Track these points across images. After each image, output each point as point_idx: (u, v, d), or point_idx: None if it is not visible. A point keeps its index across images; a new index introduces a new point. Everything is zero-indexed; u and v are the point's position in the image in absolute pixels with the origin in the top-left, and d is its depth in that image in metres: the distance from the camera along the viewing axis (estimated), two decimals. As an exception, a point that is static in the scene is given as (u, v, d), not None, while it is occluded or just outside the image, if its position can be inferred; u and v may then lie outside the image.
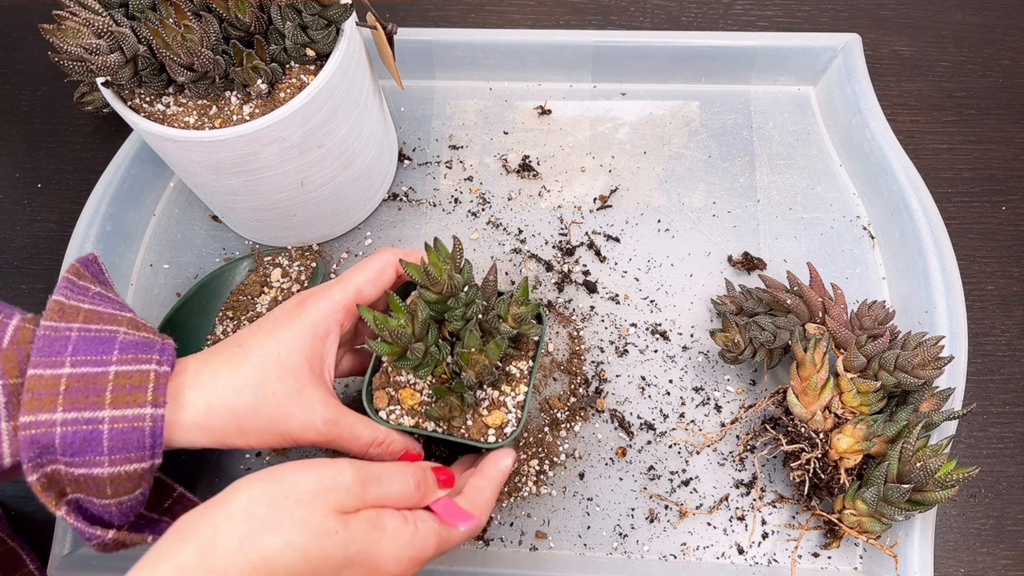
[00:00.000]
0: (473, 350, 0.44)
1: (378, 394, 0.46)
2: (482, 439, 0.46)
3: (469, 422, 0.46)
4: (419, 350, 0.43)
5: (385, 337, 0.43)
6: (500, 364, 0.47)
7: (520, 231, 0.63)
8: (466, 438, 0.46)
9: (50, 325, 0.37)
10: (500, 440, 0.45)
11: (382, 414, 0.46)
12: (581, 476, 0.53)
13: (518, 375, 0.47)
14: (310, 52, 0.49)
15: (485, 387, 0.47)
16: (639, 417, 0.55)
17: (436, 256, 0.44)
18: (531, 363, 0.48)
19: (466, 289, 0.45)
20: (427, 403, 0.46)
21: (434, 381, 0.46)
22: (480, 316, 0.46)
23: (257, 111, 0.48)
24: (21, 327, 0.37)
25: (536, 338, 0.48)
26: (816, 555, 0.51)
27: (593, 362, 0.57)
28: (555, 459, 0.54)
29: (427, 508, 0.41)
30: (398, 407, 0.46)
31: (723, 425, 0.55)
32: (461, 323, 0.45)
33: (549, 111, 0.68)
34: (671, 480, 0.53)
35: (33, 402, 0.35)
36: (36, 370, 0.35)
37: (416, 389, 0.46)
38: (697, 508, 0.52)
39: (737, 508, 0.52)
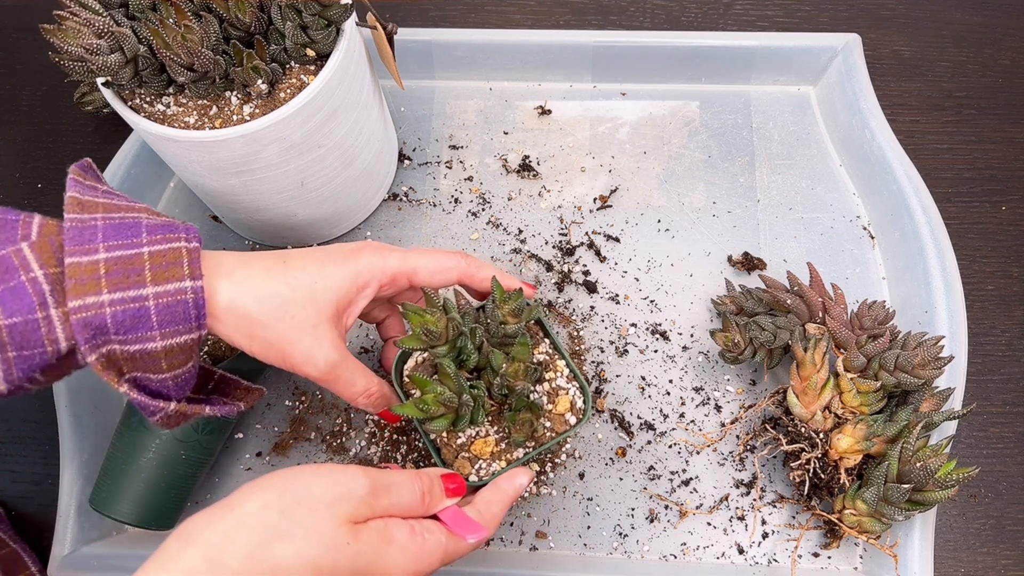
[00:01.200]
0: (506, 365, 0.45)
1: (458, 463, 0.47)
2: (566, 428, 0.47)
3: (547, 423, 0.47)
4: (468, 403, 0.44)
5: (435, 412, 0.43)
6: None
7: (520, 231, 0.63)
8: (554, 438, 0.47)
9: (75, 217, 0.38)
10: (580, 418, 0.47)
11: (472, 478, 0.46)
12: (581, 476, 0.53)
13: (547, 359, 0.49)
14: (310, 52, 0.49)
15: (535, 386, 0.48)
16: (639, 417, 0.55)
17: (426, 313, 0.44)
18: (548, 340, 0.50)
19: (463, 321, 0.46)
20: (504, 437, 0.47)
21: (490, 418, 0.47)
22: (486, 337, 0.46)
23: (257, 111, 0.48)
24: (45, 223, 0.38)
25: (536, 318, 0.49)
26: (816, 555, 0.51)
27: (593, 362, 0.57)
28: (555, 459, 0.54)
29: (435, 516, 0.41)
30: (482, 461, 0.47)
31: (723, 425, 0.55)
32: (477, 354, 0.46)
33: (549, 111, 0.68)
34: (671, 480, 0.53)
35: (78, 287, 0.36)
36: (73, 258, 0.36)
37: (482, 437, 0.47)
38: (697, 508, 0.52)
39: (737, 508, 0.52)
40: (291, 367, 0.42)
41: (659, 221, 0.63)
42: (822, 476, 0.49)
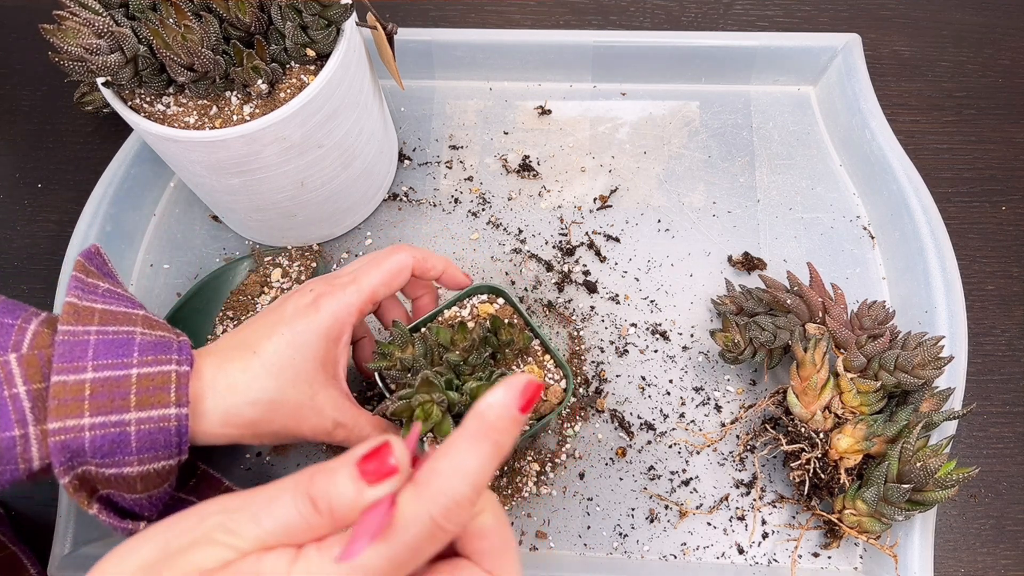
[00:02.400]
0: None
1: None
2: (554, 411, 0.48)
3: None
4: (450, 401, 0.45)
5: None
6: (498, 346, 0.49)
7: (520, 231, 0.63)
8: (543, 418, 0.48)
9: (68, 329, 0.37)
10: (563, 399, 0.48)
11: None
12: (581, 476, 0.53)
13: (540, 352, 0.50)
14: (310, 52, 0.49)
15: (521, 365, 0.49)
16: (639, 417, 0.55)
17: (393, 346, 0.45)
18: (530, 334, 0.50)
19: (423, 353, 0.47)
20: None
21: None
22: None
23: (257, 111, 0.48)
24: (39, 332, 0.38)
25: (512, 303, 0.50)
26: (816, 555, 0.51)
27: (593, 362, 0.57)
28: (555, 459, 0.54)
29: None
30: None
31: (723, 425, 0.55)
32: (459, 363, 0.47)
33: (549, 111, 0.68)
34: (671, 480, 0.53)
35: (60, 408, 0.35)
36: (60, 376, 0.36)
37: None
38: (697, 508, 0.52)
39: (737, 508, 0.52)
40: (307, 441, 0.43)
41: (659, 221, 0.63)
42: (822, 476, 0.49)
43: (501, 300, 0.51)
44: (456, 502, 0.24)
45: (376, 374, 0.48)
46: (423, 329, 0.49)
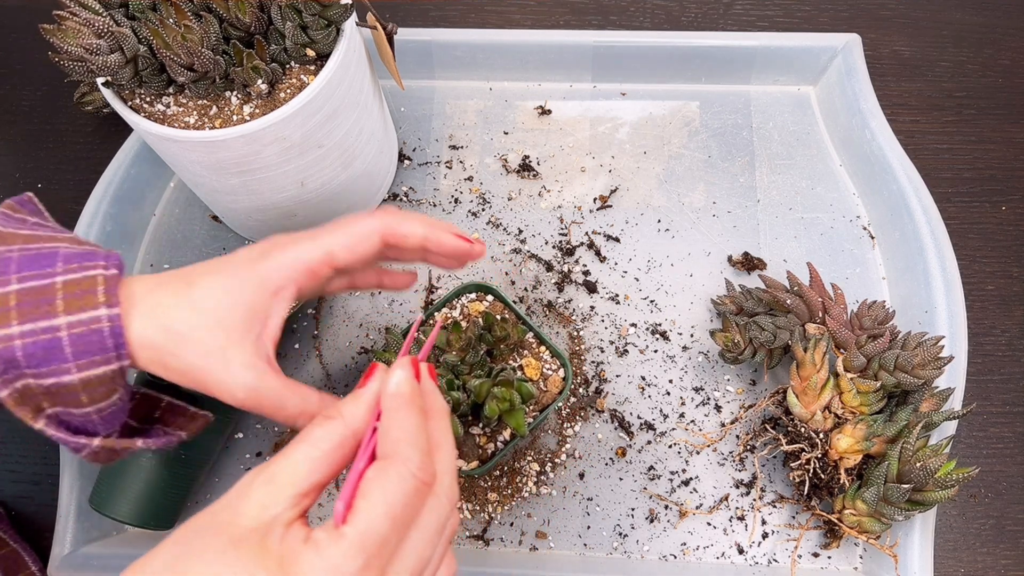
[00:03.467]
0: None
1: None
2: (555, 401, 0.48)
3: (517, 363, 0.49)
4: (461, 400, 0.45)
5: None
6: (496, 342, 0.49)
7: (520, 231, 0.63)
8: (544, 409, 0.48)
9: None
10: (562, 388, 0.49)
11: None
12: (581, 476, 0.53)
13: (535, 344, 0.50)
14: (310, 52, 0.49)
15: (517, 358, 0.49)
16: (639, 417, 0.55)
17: (388, 353, 0.46)
18: (524, 327, 0.50)
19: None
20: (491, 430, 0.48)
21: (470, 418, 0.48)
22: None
23: (257, 111, 0.48)
24: None
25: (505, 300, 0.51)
26: (816, 555, 0.51)
27: (593, 362, 0.57)
28: (555, 459, 0.54)
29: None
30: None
31: (723, 425, 0.55)
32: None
33: (549, 111, 0.68)
34: (671, 480, 0.53)
35: None
36: None
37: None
38: (697, 508, 0.52)
39: (737, 508, 0.52)
40: (212, 395, 0.40)
41: (659, 221, 0.63)
42: (822, 476, 0.49)
43: (490, 297, 0.51)
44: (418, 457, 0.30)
45: None
46: (416, 334, 0.49)
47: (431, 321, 0.50)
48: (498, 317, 0.48)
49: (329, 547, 0.28)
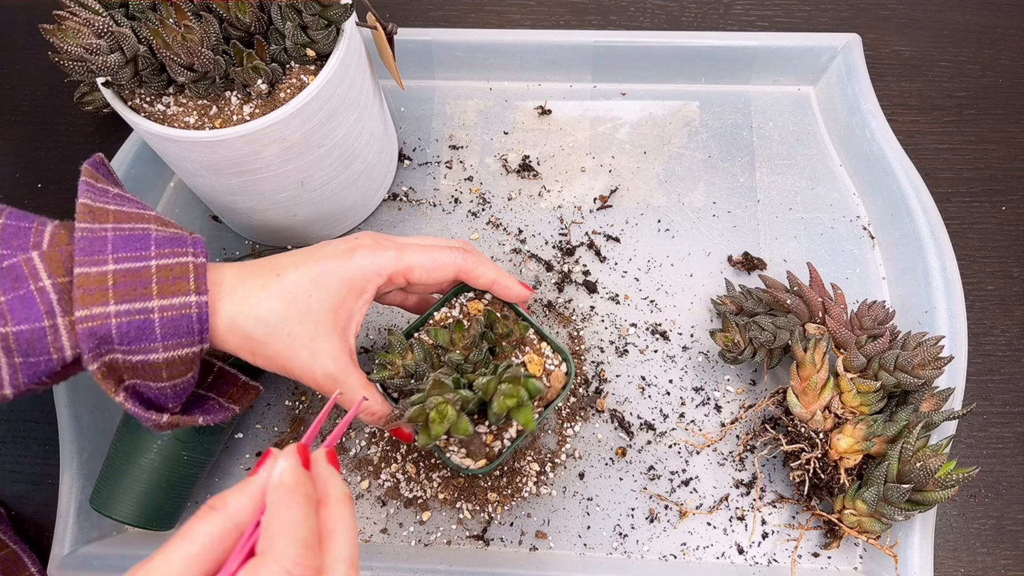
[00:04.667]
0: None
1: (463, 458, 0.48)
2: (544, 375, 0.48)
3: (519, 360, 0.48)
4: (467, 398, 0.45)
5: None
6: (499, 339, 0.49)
7: (520, 231, 0.63)
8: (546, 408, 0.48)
9: (85, 227, 0.38)
10: (566, 383, 0.48)
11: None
12: (581, 476, 0.53)
13: (535, 340, 0.50)
14: (310, 52, 0.49)
15: (519, 354, 0.49)
16: (639, 417, 0.55)
17: (393, 354, 0.46)
18: (526, 323, 0.50)
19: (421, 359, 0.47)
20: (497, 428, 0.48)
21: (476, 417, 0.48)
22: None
23: (257, 111, 0.48)
24: (57, 232, 0.39)
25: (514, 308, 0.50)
26: (816, 555, 0.51)
27: (593, 362, 0.57)
28: (555, 459, 0.54)
29: None
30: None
31: (723, 425, 0.55)
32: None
33: (549, 111, 0.68)
34: (671, 480, 0.53)
35: (86, 297, 0.37)
36: (83, 268, 0.37)
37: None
38: (697, 508, 0.52)
39: (737, 508, 0.52)
40: (296, 379, 0.43)
41: (659, 221, 0.63)
42: (822, 476, 0.49)
43: (488, 295, 0.51)
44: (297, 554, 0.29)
45: (378, 383, 0.48)
46: (417, 334, 0.49)
47: (429, 322, 0.50)
48: (499, 315, 0.48)
49: None
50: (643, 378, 0.56)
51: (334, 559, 0.30)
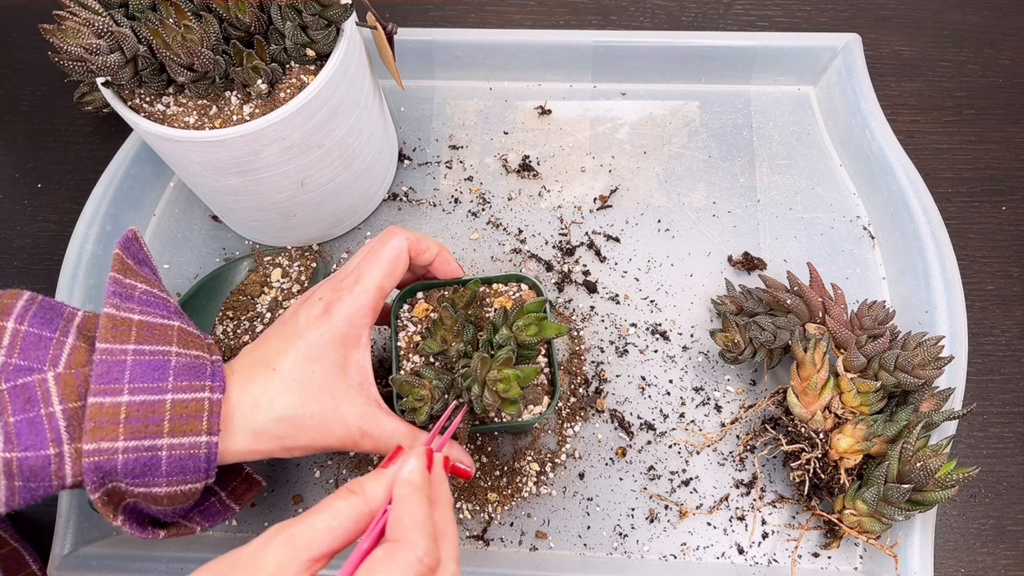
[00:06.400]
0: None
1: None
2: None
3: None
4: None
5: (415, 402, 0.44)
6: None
7: (520, 231, 0.63)
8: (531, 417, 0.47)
9: (106, 348, 0.38)
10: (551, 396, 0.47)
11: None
12: (581, 476, 0.53)
13: (503, 287, 0.50)
14: (310, 52, 0.49)
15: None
16: (639, 417, 0.55)
17: (411, 399, 0.45)
18: (480, 280, 0.49)
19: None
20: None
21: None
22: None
23: (257, 111, 0.48)
24: (76, 347, 0.39)
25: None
26: (816, 555, 0.51)
27: (593, 362, 0.57)
28: (555, 459, 0.54)
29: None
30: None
31: (723, 425, 0.55)
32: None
33: (549, 111, 0.68)
34: (671, 480, 0.53)
35: (96, 431, 0.36)
36: (96, 398, 0.37)
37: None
38: (697, 508, 0.52)
39: (737, 508, 0.52)
40: (340, 450, 0.44)
41: (659, 221, 0.63)
42: (822, 476, 0.49)
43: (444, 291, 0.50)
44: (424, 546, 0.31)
45: (394, 316, 0.48)
46: (403, 369, 0.48)
47: (400, 354, 0.49)
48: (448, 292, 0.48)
49: None
50: (643, 378, 0.56)
51: (447, 557, 0.33)
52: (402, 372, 0.48)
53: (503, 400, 0.42)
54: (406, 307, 0.49)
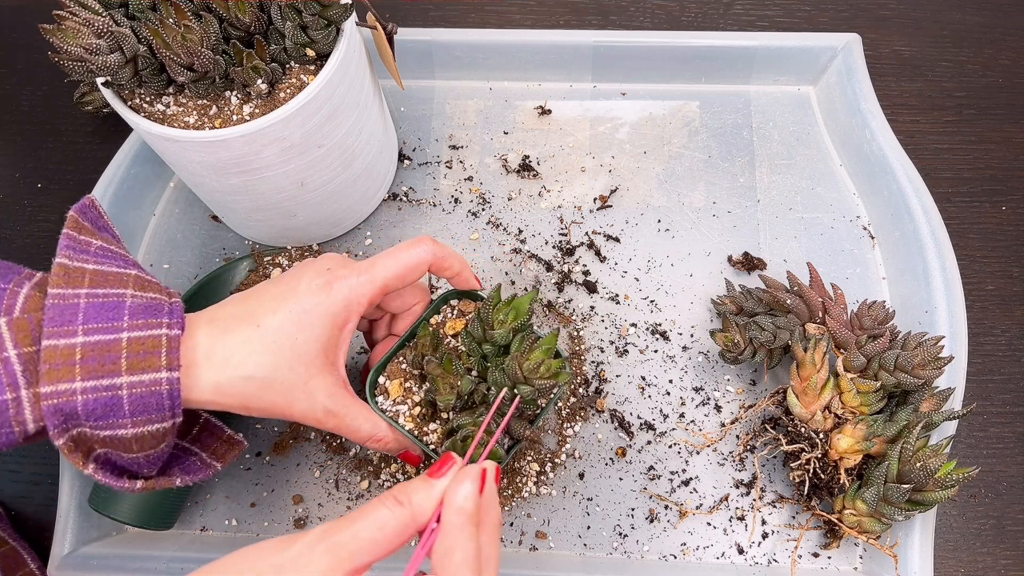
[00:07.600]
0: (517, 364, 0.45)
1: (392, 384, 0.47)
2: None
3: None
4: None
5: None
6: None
7: (520, 231, 0.63)
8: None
9: (58, 292, 0.37)
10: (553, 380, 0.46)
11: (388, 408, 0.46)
12: (581, 476, 0.53)
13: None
14: (310, 52, 0.49)
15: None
16: (639, 417, 0.55)
17: (448, 387, 0.45)
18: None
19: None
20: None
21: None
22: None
23: (257, 111, 0.48)
24: (31, 295, 0.38)
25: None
26: (816, 555, 0.51)
27: (593, 362, 0.57)
28: (555, 459, 0.54)
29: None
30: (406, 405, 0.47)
31: (723, 425, 0.55)
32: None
33: (549, 111, 0.68)
34: (671, 480, 0.53)
35: (52, 373, 0.35)
36: (50, 340, 0.36)
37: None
38: (697, 508, 0.52)
39: (737, 508, 0.52)
40: (294, 421, 0.43)
41: (659, 221, 0.63)
42: (822, 476, 0.49)
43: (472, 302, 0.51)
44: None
45: (370, 398, 0.47)
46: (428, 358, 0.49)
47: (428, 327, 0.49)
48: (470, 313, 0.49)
49: None
50: (643, 378, 0.56)
51: None
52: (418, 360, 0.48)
53: (552, 375, 0.43)
54: (453, 301, 0.50)
